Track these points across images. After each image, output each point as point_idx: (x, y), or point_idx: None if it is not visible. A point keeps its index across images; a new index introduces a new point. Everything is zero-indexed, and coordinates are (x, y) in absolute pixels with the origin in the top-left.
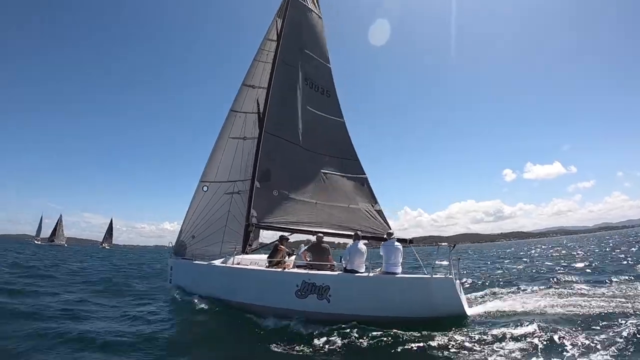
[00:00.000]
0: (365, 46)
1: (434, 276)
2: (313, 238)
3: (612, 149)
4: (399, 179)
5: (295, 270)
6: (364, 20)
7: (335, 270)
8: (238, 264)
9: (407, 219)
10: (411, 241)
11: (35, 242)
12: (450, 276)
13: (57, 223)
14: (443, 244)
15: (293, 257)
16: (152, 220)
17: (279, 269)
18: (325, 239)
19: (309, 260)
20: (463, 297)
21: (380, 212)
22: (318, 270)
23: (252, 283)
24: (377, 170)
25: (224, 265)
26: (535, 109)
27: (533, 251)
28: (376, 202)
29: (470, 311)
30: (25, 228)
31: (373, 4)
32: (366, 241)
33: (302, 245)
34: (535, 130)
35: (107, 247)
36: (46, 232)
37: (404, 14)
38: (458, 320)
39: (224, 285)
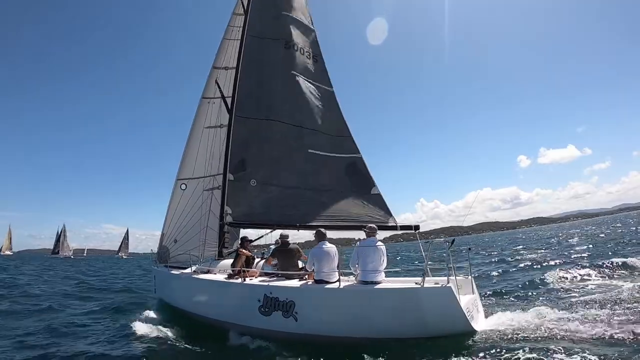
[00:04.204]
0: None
1: (425, 285)
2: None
3: (626, 128)
4: (412, 171)
5: (256, 281)
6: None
7: (308, 278)
8: (208, 271)
9: (424, 211)
10: (417, 227)
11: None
12: (449, 285)
13: (59, 235)
14: (439, 239)
15: (261, 263)
16: None
17: (239, 280)
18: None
19: (275, 267)
20: (476, 304)
21: (378, 197)
22: (286, 279)
23: (212, 296)
24: (388, 163)
25: (186, 274)
26: (544, 93)
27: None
28: (374, 185)
29: (483, 322)
30: (45, 243)
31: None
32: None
33: (272, 246)
34: (546, 114)
35: (123, 257)
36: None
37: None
38: (462, 338)
39: (189, 297)
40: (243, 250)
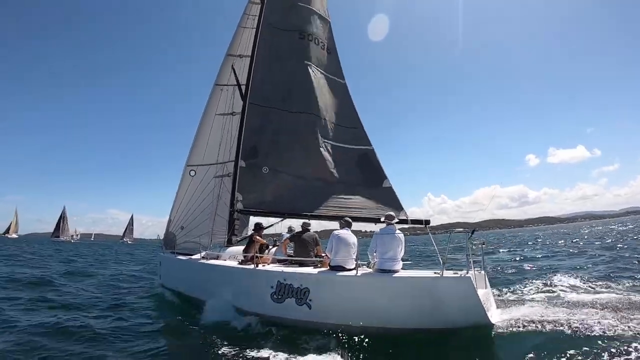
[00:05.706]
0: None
1: (444, 275)
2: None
3: (636, 131)
4: (420, 165)
5: (269, 268)
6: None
7: (324, 266)
8: (217, 257)
9: (431, 206)
10: (427, 222)
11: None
12: (468, 275)
13: (59, 218)
14: (459, 229)
15: (274, 250)
16: None
17: (251, 266)
18: (326, 224)
19: (289, 254)
20: (489, 298)
21: (389, 190)
22: (300, 266)
23: (222, 282)
24: (395, 156)
25: (195, 260)
26: (556, 92)
27: None
28: (385, 178)
29: (497, 317)
30: (52, 227)
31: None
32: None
33: (284, 234)
34: (556, 113)
35: (128, 242)
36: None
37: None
38: (480, 332)
39: (198, 283)
40: (258, 237)
